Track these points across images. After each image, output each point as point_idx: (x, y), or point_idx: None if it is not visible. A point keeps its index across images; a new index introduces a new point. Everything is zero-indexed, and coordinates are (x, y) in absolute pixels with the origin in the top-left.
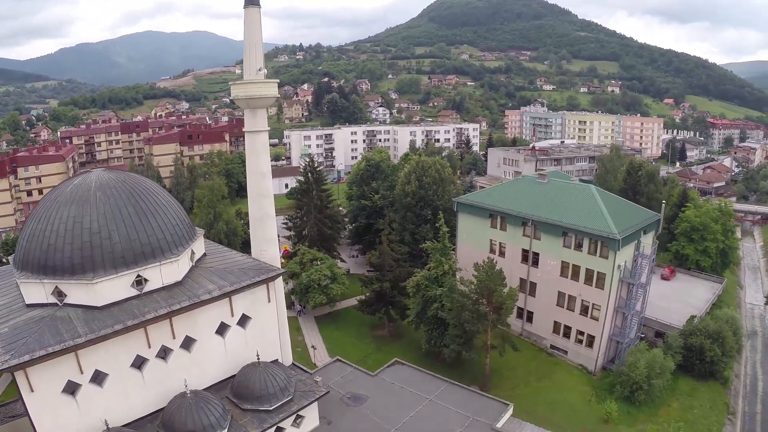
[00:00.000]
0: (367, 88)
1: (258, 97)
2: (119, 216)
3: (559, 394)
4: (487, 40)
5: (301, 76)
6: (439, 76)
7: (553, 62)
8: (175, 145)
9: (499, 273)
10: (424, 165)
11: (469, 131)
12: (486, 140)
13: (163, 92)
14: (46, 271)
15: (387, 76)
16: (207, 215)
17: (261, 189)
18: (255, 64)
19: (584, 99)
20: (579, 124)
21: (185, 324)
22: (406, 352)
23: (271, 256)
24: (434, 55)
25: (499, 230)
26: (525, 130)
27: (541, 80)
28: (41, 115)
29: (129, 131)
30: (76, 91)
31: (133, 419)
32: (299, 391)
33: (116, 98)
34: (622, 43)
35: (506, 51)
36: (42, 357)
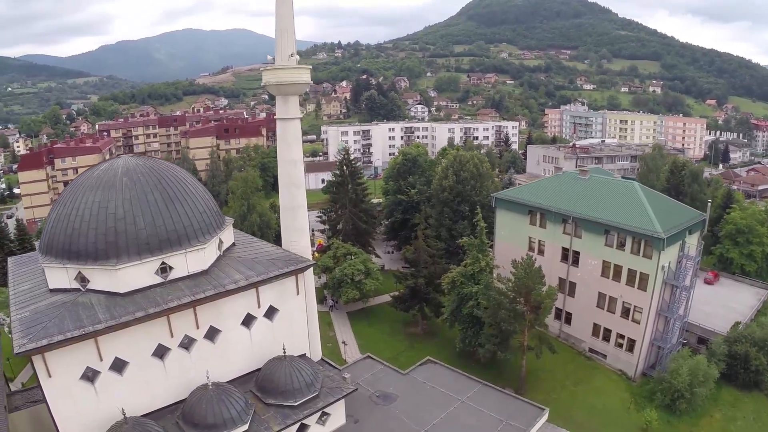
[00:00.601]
0: (405, 86)
1: (289, 83)
2: (145, 202)
3: (597, 400)
4: (526, 38)
5: (339, 73)
6: (478, 74)
7: (593, 61)
8: (212, 138)
9: (537, 271)
10: (461, 159)
11: (508, 129)
12: (525, 139)
13: (202, 88)
14: (69, 256)
15: (426, 74)
16: (240, 207)
17: (292, 178)
18: (287, 50)
19: (625, 99)
20: (620, 124)
21: (210, 314)
22: (439, 351)
23: (302, 247)
24: (473, 54)
25: (538, 227)
26: (565, 129)
27: (581, 79)
28: (81, 109)
29: (167, 125)
30: (116, 87)
31: (152, 410)
32: (326, 387)
33: (156, 94)
34: (663, 42)
35: (546, 50)
36: (60, 342)
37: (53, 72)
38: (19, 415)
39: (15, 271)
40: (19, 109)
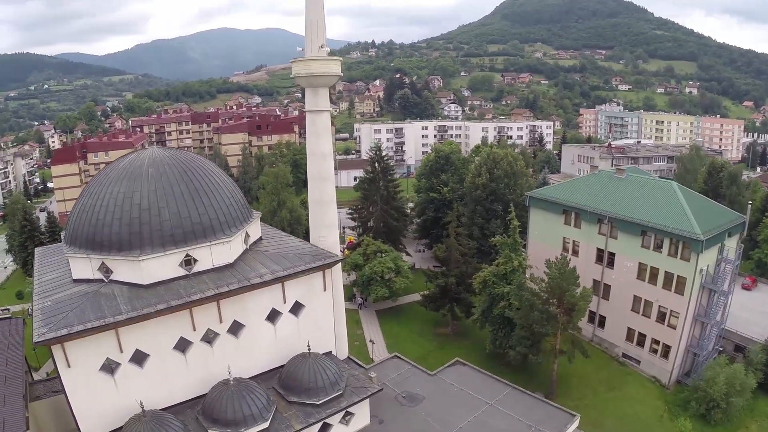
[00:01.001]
0: (439, 85)
1: (319, 75)
2: (170, 193)
3: (630, 408)
4: (561, 38)
5: (373, 72)
6: (512, 74)
7: (629, 61)
8: (244, 134)
9: (572, 272)
10: (495, 157)
11: (542, 129)
12: (560, 139)
13: (236, 86)
14: (93, 246)
15: (459, 73)
16: (271, 202)
17: (322, 171)
18: (317, 41)
19: (661, 100)
20: (656, 124)
21: (234, 308)
22: (468, 352)
23: (330, 242)
24: (507, 53)
25: (573, 227)
26: (600, 129)
27: (616, 80)
28: (116, 106)
29: (199, 121)
30: (151, 85)
31: (172, 404)
32: (351, 386)
33: (190, 91)
34: (700, 43)
35: (581, 49)
36: (79, 332)
37: (89, 70)
38: (40, 404)
39: (41, 261)
40: (56, 106)
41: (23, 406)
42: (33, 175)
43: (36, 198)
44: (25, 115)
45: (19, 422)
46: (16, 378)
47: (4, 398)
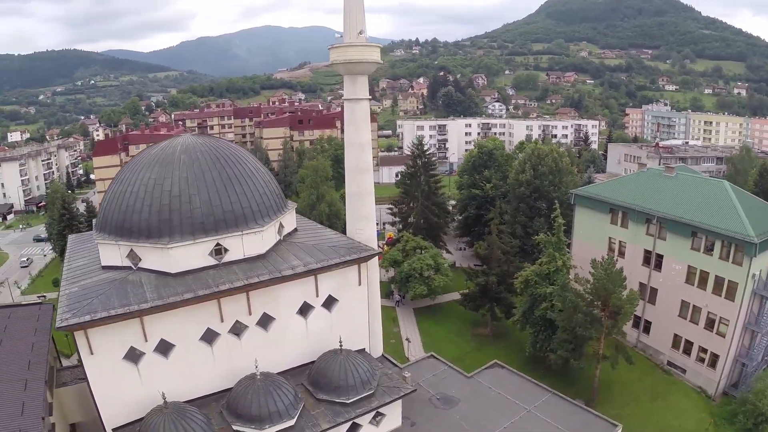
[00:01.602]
0: (483, 83)
1: (358, 62)
2: (202, 180)
3: (674, 419)
4: (606, 37)
5: (416, 69)
6: (557, 72)
7: (676, 61)
8: (285, 129)
9: (618, 273)
10: (540, 153)
11: (587, 128)
12: (605, 139)
13: (280, 83)
14: (122, 233)
15: (504, 72)
16: (309, 196)
17: (360, 162)
18: (355, 27)
19: (708, 101)
20: (704, 125)
21: (264, 300)
22: (507, 354)
23: (367, 236)
24: (552, 52)
25: (619, 227)
26: (646, 129)
27: (663, 80)
28: (160, 101)
29: (242, 116)
30: (196, 82)
31: (196, 396)
32: (383, 385)
33: (234, 88)
34: (748, 43)
35: (627, 49)
36: (103, 319)
37: (135, 66)
38: (66, 390)
39: (73, 248)
40: (102, 101)
41: (44, 391)
42: (76, 166)
43: (79, 189)
44: (71, 110)
45: (37, 407)
46: (40, 363)
47: (26, 383)
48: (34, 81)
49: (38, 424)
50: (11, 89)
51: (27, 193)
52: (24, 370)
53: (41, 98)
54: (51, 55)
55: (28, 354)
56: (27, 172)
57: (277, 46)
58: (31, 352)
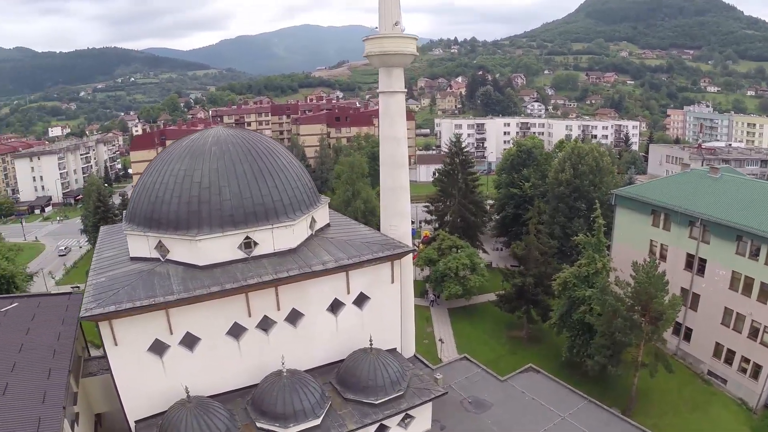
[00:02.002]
0: (522, 83)
1: (393, 53)
2: (233, 172)
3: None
4: (647, 36)
5: (455, 69)
6: (597, 73)
7: (718, 62)
8: (322, 125)
9: (661, 277)
10: (580, 152)
11: (628, 128)
12: (645, 141)
13: (318, 81)
14: (151, 224)
15: (543, 71)
16: (345, 192)
17: (395, 156)
18: (391, 18)
19: (751, 103)
20: (747, 127)
21: (293, 296)
22: (542, 358)
23: (402, 232)
24: (592, 52)
25: (661, 230)
26: (688, 131)
27: (704, 81)
28: (199, 98)
29: (279, 113)
30: (234, 79)
31: (222, 391)
32: (413, 387)
33: (272, 85)
34: None
35: (667, 49)
36: (127, 310)
37: (174, 64)
38: (92, 381)
39: (104, 239)
40: (141, 98)
41: (66, 380)
42: (115, 161)
43: (116, 183)
44: (111, 106)
45: (59, 397)
46: (65, 353)
47: (50, 372)
48: (76, 78)
49: (58, 413)
50: (53, 86)
51: (65, 186)
52: (49, 359)
53: (82, 95)
54: (92, 53)
55: (54, 343)
56: (65, 166)
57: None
58: (57, 341)
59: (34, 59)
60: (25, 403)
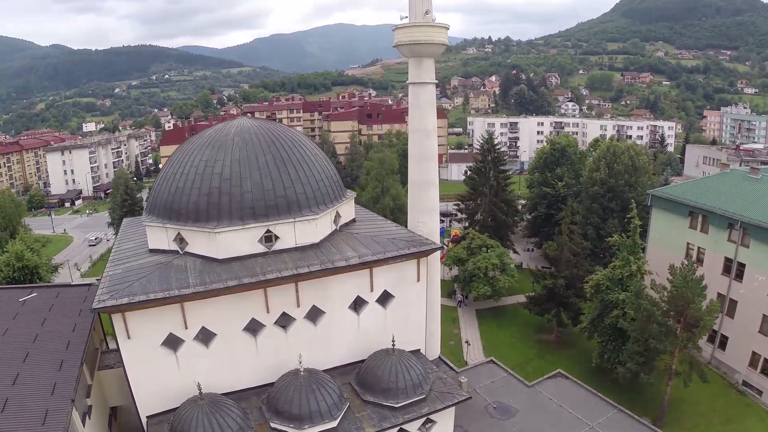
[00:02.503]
0: (556, 83)
1: (424, 43)
2: (255, 163)
3: None
4: (683, 37)
5: (488, 68)
6: (632, 73)
7: (755, 63)
8: (353, 122)
9: (699, 281)
10: (616, 150)
11: (664, 129)
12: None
13: (351, 79)
14: (170, 215)
15: (577, 71)
16: (374, 189)
17: (424, 149)
18: (422, 6)
19: None
20: None
21: (314, 292)
22: (572, 364)
23: (430, 229)
24: (627, 52)
25: (699, 232)
26: (725, 132)
27: (741, 82)
28: (232, 95)
29: (311, 110)
30: (268, 77)
31: (237, 389)
32: (436, 390)
33: (305, 83)
34: None
35: (704, 49)
36: (141, 303)
37: (208, 62)
38: (108, 373)
39: (125, 230)
40: (175, 95)
41: (78, 373)
42: (146, 156)
43: (147, 178)
44: (146, 103)
45: (68, 389)
46: (79, 344)
47: (61, 363)
48: (111, 75)
49: (66, 405)
50: (88, 82)
51: (96, 180)
52: (62, 351)
53: (117, 91)
54: (127, 50)
55: (69, 334)
56: (96, 160)
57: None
58: (72, 332)
59: (69, 56)
60: (34, 394)
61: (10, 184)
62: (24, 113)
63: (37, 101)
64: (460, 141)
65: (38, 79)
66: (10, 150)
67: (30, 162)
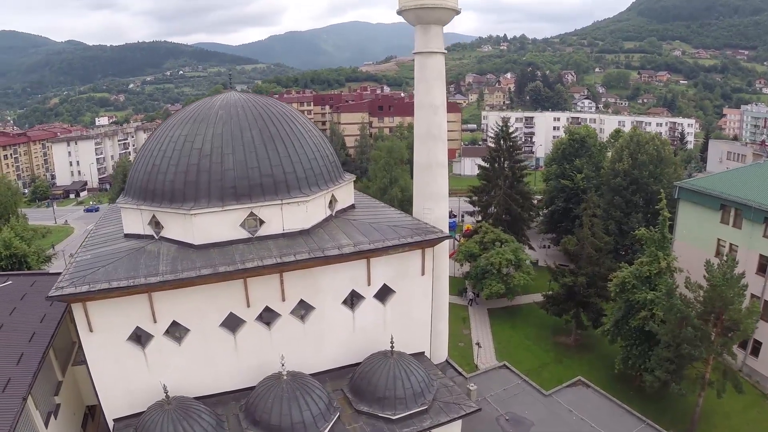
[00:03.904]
0: (572, 80)
1: (432, 7)
2: (239, 138)
3: None
4: (700, 36)
5: (504, 65)
6: (649, 72)
7: None
8: (363, 114)
9: (738, 279)
10: (639, 140)
11: (683, 126)
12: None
13: (365, 76)
14: (145, 196)
15: (594, 69)
16: (382, 179)
17: (431, 127)
18: None
19: None
20: None
21: (302, 285)
22: (591, 370)
23: (437, 217)
24: (644, 50)
25: (731, 227)
26: (745, 131)
27: (760, 82)
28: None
29: (322, 103)
30: (282, 74)
31: (214, 392)
32: (440, 400)
33: (318, 79)
34: None
35: (722, 49)
36: (101, 291)
37: (223, 58)
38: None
39: (107, 215)
40: (189, 91)
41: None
42: None
43: None
44: (159, 98)
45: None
46: (44, 336)
47: (21, 357)
48: (125, 71)
49: (16, 404)
50: (103, 77)
51: (101, 171)
52: (24, 343)
53: (131, 87)
54: (141, 47)
55: (36, 325)
56: (103, 152)
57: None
58: (39, 323)
59: (84, 52)
60: None
61: (17, 175)
62: (38, 108)
63: (52, 96)
64: (474, 137)
65: (53, 75)
66: (18, 141)
67: (38, 154)
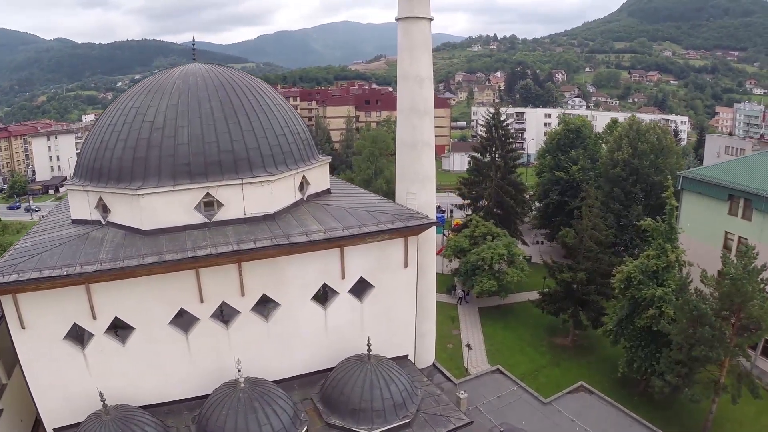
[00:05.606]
0: (562, 79)
1: None
2: (196, 110)
3: None
4: (691, 37)
5: (494, 64)
6: (640, 71)
7: (764, 64)
8: (349, 108)
9: (758, 272)
10: (639, 129)
11: (677, 123)
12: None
13: (354, 74)
14: (92, 176)
15: (584, 69)
16: (366, 170)
17: (415, 101)
18: None
19: None
20: None
21: (264, 277)
22: (593, 373)
23: (422, 202)
24: (634, 51)
25: (740, 219)
26: (738, 129)
27: (750, 83)
28: None
29: (308, 98)
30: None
31: (164, 401)
32: (425, 412)
33: (307, 77)
34: None
35: (711, 50)
36: (31, 281)
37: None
38: None
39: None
40: None
41: None
42: None
43: None
44: None
45: None
46: None
47: None
48: (114, 69)
49: None
50: (91, 75)
51: None
52: None
53: (119, 85)
54: (131, 45)
55: None
56: None
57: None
58: None
59: (73, 50)
60: None
61: None
62: (25, 105)
63: (39, 94)
64: (464, 134)
65: (41, 72)
66: None
67: (18, 149)
